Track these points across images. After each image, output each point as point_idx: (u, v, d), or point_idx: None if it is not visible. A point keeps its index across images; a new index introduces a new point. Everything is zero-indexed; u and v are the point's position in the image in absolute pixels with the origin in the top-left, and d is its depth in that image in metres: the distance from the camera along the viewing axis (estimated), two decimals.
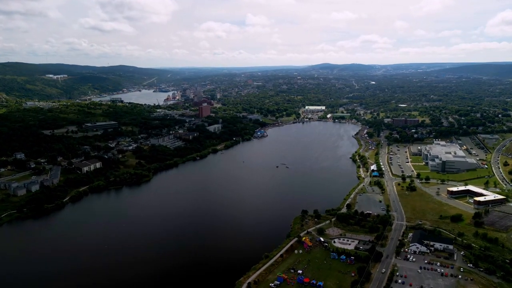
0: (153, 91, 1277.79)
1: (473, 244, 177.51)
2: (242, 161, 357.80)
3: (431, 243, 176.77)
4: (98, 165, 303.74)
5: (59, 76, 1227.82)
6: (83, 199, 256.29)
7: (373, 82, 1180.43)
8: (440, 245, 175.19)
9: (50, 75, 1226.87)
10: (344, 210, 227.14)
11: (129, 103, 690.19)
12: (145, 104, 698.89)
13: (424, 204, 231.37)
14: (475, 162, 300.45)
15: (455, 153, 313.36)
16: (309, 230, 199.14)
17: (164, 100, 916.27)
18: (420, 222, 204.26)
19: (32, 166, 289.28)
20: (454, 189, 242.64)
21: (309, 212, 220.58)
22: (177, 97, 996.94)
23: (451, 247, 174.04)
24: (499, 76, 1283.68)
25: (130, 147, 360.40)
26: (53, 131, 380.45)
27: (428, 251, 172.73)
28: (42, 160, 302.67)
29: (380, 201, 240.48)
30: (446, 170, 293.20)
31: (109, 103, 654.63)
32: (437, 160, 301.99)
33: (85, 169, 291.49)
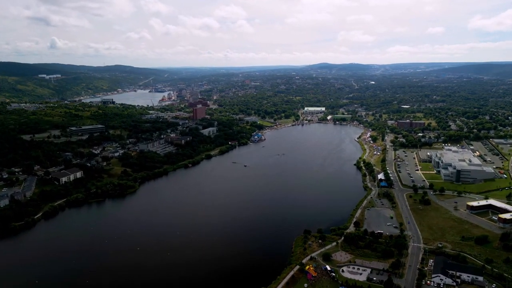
0: (149, 91, 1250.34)
1: (505, 274, 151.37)
2: (244, 165, 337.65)
3: (457, 273, 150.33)
4: (78, 174, 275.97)
5: (51, 76, 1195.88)
6: (58, 215, 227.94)
7: (373, 82, 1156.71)
8: (468, 276, 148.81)
9: (43, 75, 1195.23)
10: (351, 228, 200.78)
11: (121, 104, 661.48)
12: (137, 105, 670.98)
13: (441, 222, 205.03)
14: (492, 171, 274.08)
15: (469, 160, 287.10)
16: (312, 255, 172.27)
17: (159, 100, 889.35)
18: (440, 245, 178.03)
19: (5, 176, 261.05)
20: (475, 203, 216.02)
21: (312, 231, 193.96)
22: (173, 98, 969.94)
23: (481, 278, 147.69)
24: (500, 76, 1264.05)
25: (117, 154, 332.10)
26: (33, 136, 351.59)
27: (455, 283, 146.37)
28: (16, 170, 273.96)
29: (392, 217, 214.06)
30: (461, 180, 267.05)
31: (99, 104, 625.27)
32: (450, 169, 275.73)
33: (64, 179, 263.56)
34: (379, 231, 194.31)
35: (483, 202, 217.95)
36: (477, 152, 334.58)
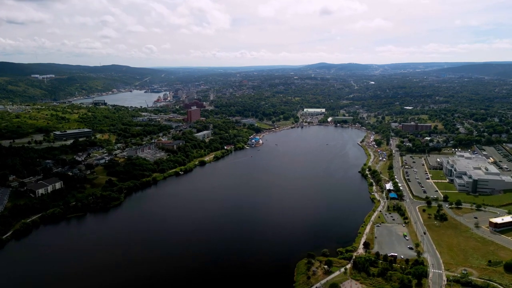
0: (145, 92, 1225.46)
1: None
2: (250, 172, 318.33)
3: None
4: (58, 185, 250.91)
5: (45, 76, 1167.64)
6: (32, 233, 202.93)
7: (372, 82, 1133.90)
8: None
9: (36, 75, 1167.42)
10: (361, 250, 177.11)
11: (113, 105, 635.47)
12: (130, 107, 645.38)
13: (462, 242, 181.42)
14: None
15: (486, 168, 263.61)
16: (317, 285, 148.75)
17: (154, 101, 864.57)
18: (465, 272, 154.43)
19: None
20: (499, 220, 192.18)
21: (315, 254, 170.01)
22: (169, 98, 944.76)
23: None
24: (502, 76, 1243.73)
25: (102, 161, 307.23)
26: (13, 142, 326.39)
27: None
28: None
29: (405, 236, 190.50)
30: (478, 190, 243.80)
31: (90, 106, 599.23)
32: (465, 178, 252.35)
33: (40, 191, 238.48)
34: (392, 253, 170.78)
35: (508, 219, 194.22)
36: (491, 158, 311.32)
